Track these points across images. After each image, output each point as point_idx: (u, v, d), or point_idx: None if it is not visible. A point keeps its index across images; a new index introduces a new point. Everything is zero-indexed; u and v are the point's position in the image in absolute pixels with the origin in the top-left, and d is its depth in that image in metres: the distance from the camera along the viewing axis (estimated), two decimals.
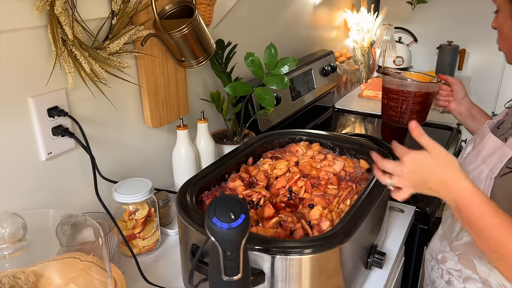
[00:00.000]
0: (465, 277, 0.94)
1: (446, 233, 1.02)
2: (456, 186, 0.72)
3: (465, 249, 0.94)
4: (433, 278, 1.05)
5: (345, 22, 2.35)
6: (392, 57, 2.60)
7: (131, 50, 0.99)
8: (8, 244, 0.68)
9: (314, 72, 1.80)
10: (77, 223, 0.77)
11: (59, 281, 0.72)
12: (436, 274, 1.03)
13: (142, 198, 0.95)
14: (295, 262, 0.71)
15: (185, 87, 1.20)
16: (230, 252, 0.59)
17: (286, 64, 1.13)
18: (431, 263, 1.07)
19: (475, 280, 0.92)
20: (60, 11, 0.79)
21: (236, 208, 0.58)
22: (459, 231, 0.96)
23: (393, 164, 0.77)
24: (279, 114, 1.52)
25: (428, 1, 2.59)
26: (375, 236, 0.93)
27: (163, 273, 0.94)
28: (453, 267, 0.97)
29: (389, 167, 0.77)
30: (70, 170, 0.96)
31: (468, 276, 0.93)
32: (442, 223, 1.07)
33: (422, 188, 0.75)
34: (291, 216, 0.87)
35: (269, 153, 1.11)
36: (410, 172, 0.74)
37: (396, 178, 0.76)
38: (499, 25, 0.89)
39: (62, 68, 0.88)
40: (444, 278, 1.00)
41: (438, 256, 1.02)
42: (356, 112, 2.09)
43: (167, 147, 1.23)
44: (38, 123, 0.86)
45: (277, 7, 1.68)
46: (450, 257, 0.98)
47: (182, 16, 1.07)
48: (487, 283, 0.90)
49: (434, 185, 0.74)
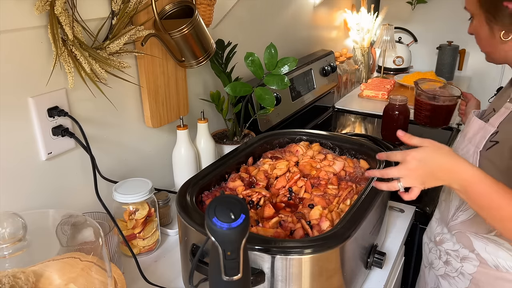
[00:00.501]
0: (462, 257, 1.00)
1: (442, 215, 1.07)
2: (459, 170, 0.75)
3: (461, 227, 0.99)
4: (431, 259, 1.10)
5: (345, 22, 2.35)
6: (392, 57, 2.60)
7: (131, 50, 0.99)
8: (8, 244, 0.68)
9: (314, 72, 1.80)
10: (77, 223, 0.77)
11: (59, 281, 0.72)
12: (434, 256, 1.09)
13: (142, 198, 0.95)
14: (295, 262, 0.71)
15: (185, 87, 1.20)
16: (230, 252, 0.59)
17: (286, 64, 1.13)
18: (429, 245, 1.12)
19: (471, 259, 0.98)
20: (60, 11, 0.79)
21: (236, 208, 0.58)
22: (455, 211, 1.01)
23: (397, 169, 0.79)
24: (279, 114, 1.52)
25: (428, 1, 2.59)
26: (375, 236, 0.93)
27: (163, 273, 0.94)
28: (450, 247, 1.03)
29: (394, 172, 0.79)
30: (70, 170, 0.96)
31: (465, 255, 0.99)
32: (438, 207, 1.12)
33: (430, 180, 0.77)
34: (291, 216, 0.87)
35: (269, 153, 1.11)
36: (416, 169, 0.77)
37: (405, 179, 0.78)
38: (475, 31, 0.95)
39: (62, 68, 0.88)
40: (442, 259, 1.06)
41: (436, 238, 1.08)
42: (356, 112, 2.09)
43: (167, 147, 1.23)
44: (38, 123, 0.86)
45: (277, 7, 1.68)
46: (447, 238, 1.04)
47: (182, 16, 1.07)
48: (483, 261, 0.95)
49: (441, 174, 0.76)
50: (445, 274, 1.05)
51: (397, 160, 0.80)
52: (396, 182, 0.79)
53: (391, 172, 0.80)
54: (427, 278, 1.14)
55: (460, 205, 1.00)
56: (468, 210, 0.98)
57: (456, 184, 0.76)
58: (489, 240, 0.94)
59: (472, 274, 0.98)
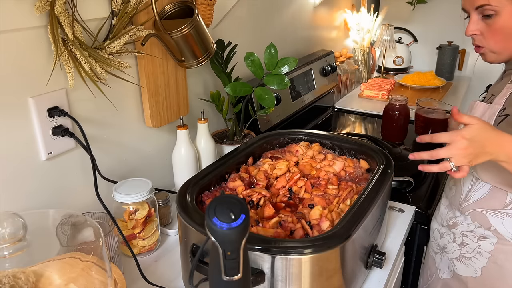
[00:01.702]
0: (479, 236, 1.02)
1: (452, 200, 1.09)
2: (506, 143, 0.80)
3: (476, 206, 1.02)
4: (444, 244, 1.12)
5: (345, 22, 2.35)
6: (392, 57, 2.60)
7: (131, 50, 0.99)
8: (8, 244, 0.68)
9: (314, 72, 1.80)
10: (77, 223, 0.77)
11: (59, 281, 0.72)
12: (447, 240, 1.11)
13: (142, 198, 0.95)
14: (295, 262, 0.71)
15: (185, 87, 1.20)
16: (230, 252, 0.59)
17: (286, 64, 1.13)
18: (440, 231, 1.14)
19: (488, 236, 1.00)
20: (60, 11, 0.79)
21: (236, 208, 0.58)
22: (467, 193, 1.04)
23: (447, 149, 0.82)
24: (279, 114, 1.52)
25: (428, 1, 2.59)
26: (375, 236, 0.93)
27: (163, 273, 0.94)
28: (466, 229, 1.05)
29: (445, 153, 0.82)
30: (70, 170, 0.96)
31: (481, 234, 1.02)
32: (446, 194, 1.14)
33: (481, 154, 0.81)
34: (291, 216, 0.87)
35: (269, 153, 1.11)
36: (466, 147, 0.80)
37: (455, 158, 0.81)
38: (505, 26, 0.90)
39: (62, 68, 0.88)
40: (457, 241, 1.07)
41: (449, 222, 1.09)
42: (356, 112, 2.09)
43: (167, 147, 1.23)
44: (38, 123, 0.86)
45: (277, 7, 1.68)
46: (461, 220, 1.06)
47: (182, 16, 1.07)
48: (501, 236, 0.97)
49: (491, 147, 0.81)
50: (460, 256, 1.07)
51: (444, 141, 0.83)
52: (448, 163, 0.82)
53: (442, 153, 0.82)
54: (438, 264, 1.15)
55: (472, 185, 1.02)
56: (482, 189, 1.00)
57: (503, 156, 0.80)
58: (505, 214, 0.96)
59: (490, 252, 1.00)
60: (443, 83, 2.32)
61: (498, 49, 0.96)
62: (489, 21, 0.92)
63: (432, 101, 1.72)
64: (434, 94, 2.24)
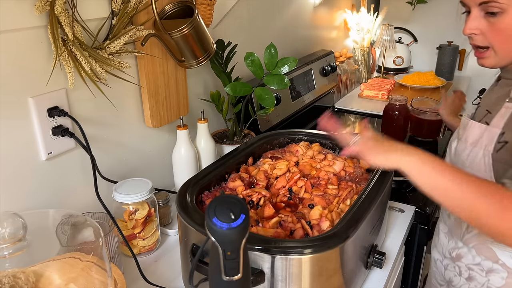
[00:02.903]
0: (487, 270, 0.94)
1: (452, 229, 1.02)
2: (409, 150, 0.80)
3: (479, 239, 0.94)
4: (450, 277, 1.04)
5: (345, 22, 2.35)
6: (392, 57, 2.60)
7: (131, 50, 0.99)
8: (8, 244, 0.68)
9: (314, 72, 1.80)
10: (77, 223, 0.77)
11: (59, 281, 0.72)
12: (452, 273, 1.03)
13: (142, 198, 0.95)
14: (295, 262, 0.71)
15: (185, 87, 1.20)
16: (230, 252, 0.59)
17: (286, 64, 1.13)
18: (443, 262, 1.06)
19: (498, 270, 0.92)
20: (60, 11, 0.79)
21: (236, 208, 0.58)
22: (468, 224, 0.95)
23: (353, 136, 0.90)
24: (279, 114, 1.52)
25: (428, 1, 2.59)
26: (375, 236, 0.93)
27: (163, 273, 0.94)
28: (471, 262, 0.96)
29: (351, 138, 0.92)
30: (70, 170, 0.96)
31: (490, 268, 0.93)
32: (444, 221, 1.07)
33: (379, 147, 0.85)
34: (291, 216, 0.86)
35: (269, 153, 1.11)
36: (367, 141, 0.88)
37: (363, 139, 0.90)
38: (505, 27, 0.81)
39: (62, 68, 0.88)
40: (463, 275, 0.99)
41: (452, 254, 1.01)
42: (356, 112, 2.09)
43: (167, 147, 1.23)
44: (38, 123, 0.86)
45: (277, 7, 1.68)
46: (465, 252, 0.98)
47: (182, 16, 1.07)
48: (511, 271, 0.90)
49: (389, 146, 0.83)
50: None
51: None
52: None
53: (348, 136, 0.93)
54: None
55: None
56: None
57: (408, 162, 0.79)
58: None
59: (501, 287, 0.92)
60: (443, 83, 2.32)
61: (501, 52, 0.86)
62: (493, 19, 0.82)
63: (428, 100, 1.73)
64: (434, 94, 2.24)
